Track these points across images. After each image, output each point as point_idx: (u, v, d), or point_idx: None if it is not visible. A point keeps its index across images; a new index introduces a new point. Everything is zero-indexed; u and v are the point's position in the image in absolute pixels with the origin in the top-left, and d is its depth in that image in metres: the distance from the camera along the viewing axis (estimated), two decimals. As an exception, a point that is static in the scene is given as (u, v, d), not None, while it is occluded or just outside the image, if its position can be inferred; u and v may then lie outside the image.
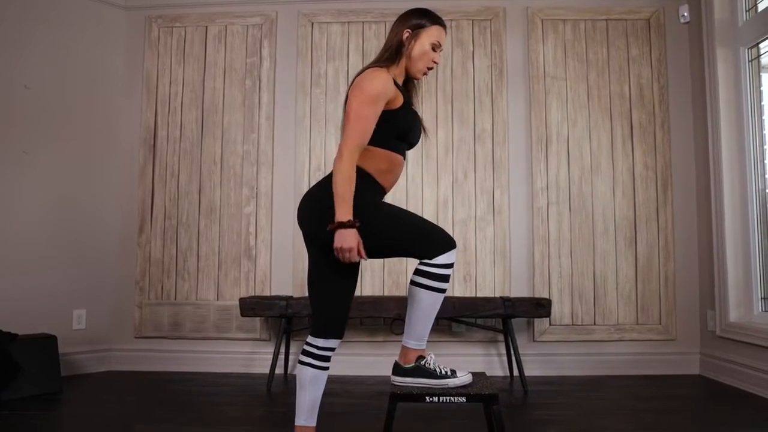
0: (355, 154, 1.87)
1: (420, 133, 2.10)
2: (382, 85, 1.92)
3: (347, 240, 1.80)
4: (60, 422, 2.76)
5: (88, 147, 3.80)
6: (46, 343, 3.27)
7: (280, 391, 3.32)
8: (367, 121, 1.90)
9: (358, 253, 1.83)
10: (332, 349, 1.98)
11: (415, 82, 2.13)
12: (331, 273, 1.94)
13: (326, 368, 1.99)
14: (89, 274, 3.76)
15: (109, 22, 3.94)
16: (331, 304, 1.97)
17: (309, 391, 1.96)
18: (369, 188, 1.94)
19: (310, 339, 1.98)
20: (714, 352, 3.58)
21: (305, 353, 1.97)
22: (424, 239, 1.92)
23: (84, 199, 3.77)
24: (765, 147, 3.41)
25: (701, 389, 3.35)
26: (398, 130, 1.99)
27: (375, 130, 1.92)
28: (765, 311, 3.38)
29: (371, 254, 1.92)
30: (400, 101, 1.98)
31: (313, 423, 1.98)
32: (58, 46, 3.71)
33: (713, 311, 3.57)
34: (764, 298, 3.40)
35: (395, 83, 1.98)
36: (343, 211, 1.82)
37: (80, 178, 3.76)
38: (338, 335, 1.98)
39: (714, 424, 2.67)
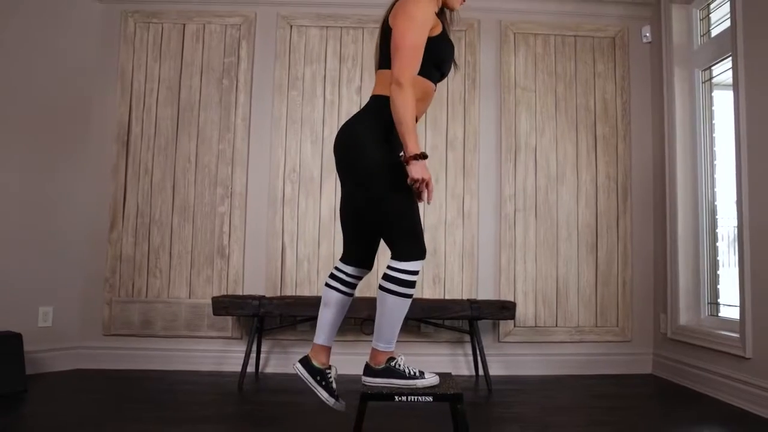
0: (413, 83, 1.98)
1: (451, 65, 2.22)
2: (430, 11, 2.03)
3: (424, 171, 1.92)
4: (25, 422, 2.75)
5: (58, 141, 3.85)
6: (10, 340, 3.26)
7: (252, 389, 3.46)
8: (421, 49, 2.02)
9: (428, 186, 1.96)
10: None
11: (450, 13, 2.23)
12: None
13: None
14: (56, 271, 3.81)
15: (83, 15, 4.00)
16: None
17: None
18: None
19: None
20: (665, 353, 3.94)
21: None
22: (412, 236, 2.07)
23: (53, 193, 3.82)
24: (715, 162, 3.77)
25: (652, 388, 3.68)
26: (436, 58, 2.10)
27: None
28: (711, 315, 3.75)
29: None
30: (439, 29, 2.10)
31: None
32: (29, 38, 3.75)
33: (665, 315, 3.92)
34: (710, 303, 3.77)
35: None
36: (414, 142, 1.92)
37: (50, 172, 3.81)
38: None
39: (661, 420, 2.97)
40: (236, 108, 4.05)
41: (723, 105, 3.73)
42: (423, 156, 1.94)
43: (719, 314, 3.69)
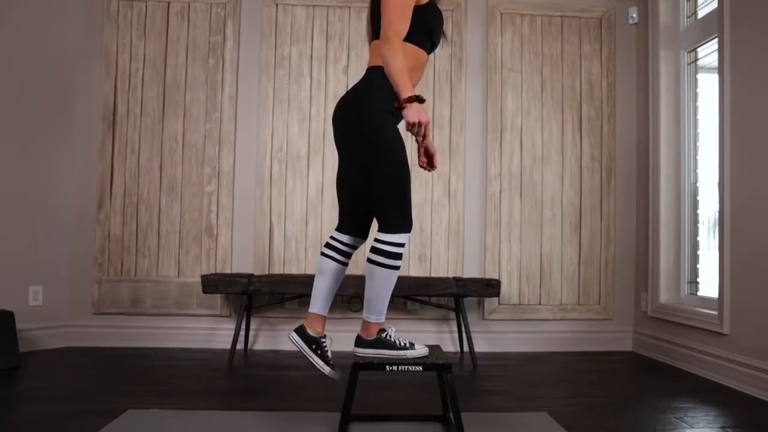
0: (401, 38, 2.01)
1: (441, 34, 2.28)
2: None
3: (421, 113, 1.89)
4: (23, 395, 2.80)
5: (44, 122, 3.83)
6: (2, 318, 3.29)
7: (241, 365, 3.52)
8: (409, 8, 2.05)
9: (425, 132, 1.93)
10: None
11: None
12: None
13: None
14: (46, 250, 3.82)
15: (67, -7, 3.96)
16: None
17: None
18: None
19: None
20: (645, 330, 4.03)
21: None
22: (401, 209, 2.10)
23: (40, 174, 3.81)
24: (698, 144, 3.83)
25: (632, 363, 3.77)
26: (426, 26, 2.15)
27: None
28: (690, 294, 3.83)
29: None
30: None
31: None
32: (10, 19, 3.69)
33: (646, 293, 4.00)
34: (690, 282, 3.85)
35: None
36: (407, 85, 1.90)
37: (36, 152, 3.79)
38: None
39: (641, 393, 3.06)
40: (223, 87, 4.04)
41: (707, 88, 3.77)
42: (419, 99, 1.91)
43: (698, 293, 3.77)
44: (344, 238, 2.27)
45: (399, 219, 2.11)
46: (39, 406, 2.56)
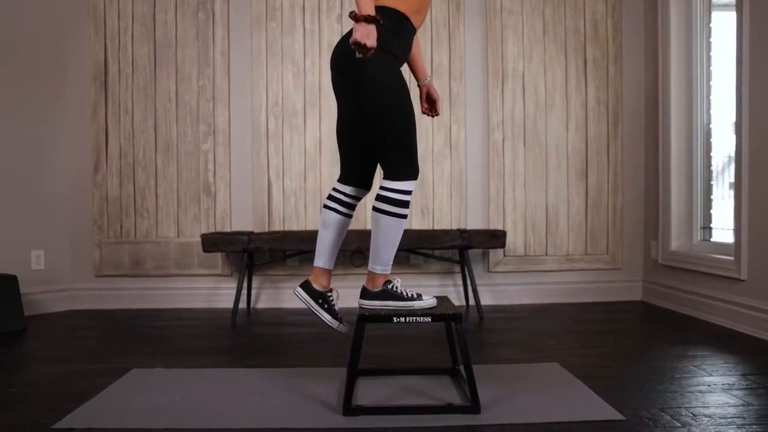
0: None
1: None
2: None
3: (369, 36, 1.67)
4: (31, 356, 2.65)
5: (35, 85, 3.51)
6: (6, 282, 3.13)
7: (245, 323, 3.26)
8: None
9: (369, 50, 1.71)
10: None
11: None
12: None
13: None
14: (45, 215, 3.56)
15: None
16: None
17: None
18: (404, 30, 1.90)
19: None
20: (656, 279, 3.66)
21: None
22: (406, 155, 1.91)
23: (34, 137, 3.52)
24: (711, 83, 3.39)
25: (643, 313, 3.43)
26: None
27: None
28: (704, 240, 3.45)
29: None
30: None
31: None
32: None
33: (656, 241, 3.62)
34: (703, 228, 3.46)
35: None
36: (367, 4, 1.71)
37: (29, 117, 3.49)
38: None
39: (654, 342, 2.74)
40: (214, 42, 3.66)
41: (721, 24, 3.31)
42: (374, 19, 1.68)
43: (711, 239, 3.39)
44: (347, 189, 2.04)
45: (405, 165, 1.90)
46: (45, 367, 2.42)
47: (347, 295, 2.43)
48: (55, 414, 1.85)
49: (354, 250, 3.34)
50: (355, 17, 1.68)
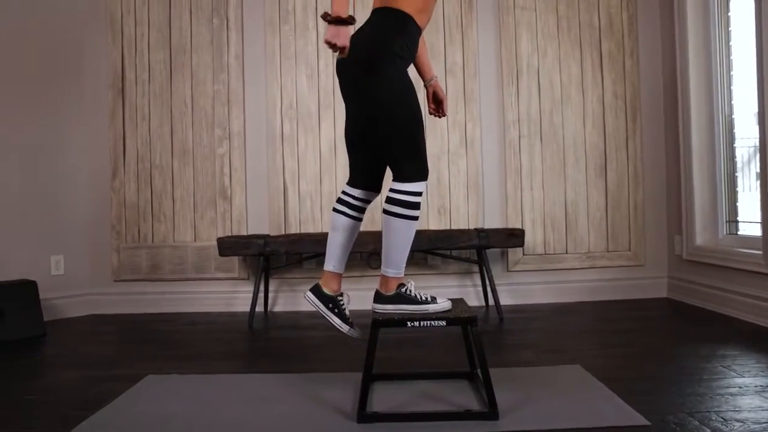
0: None
1: None
2: None
3: (340, 36, 1.62)
4: (48, 362, 2.62)
5: (53, 91, 3.49)
6: (27, 288, 3.10)
7: (262, 327, 3.19)
8: None
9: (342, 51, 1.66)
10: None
11: None
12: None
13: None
14: (64, 220, 3.54)
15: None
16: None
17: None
18: (408, 30, 1.85)
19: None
20: (680, 275, 3.50)
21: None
22: (415, 156, 1.85)
23: (52, 143, 3.50)
24: (732, 73, 3.23)
25: (668, 310, 3.28)
26: None
27: None
28: (730, 234, 3.29)
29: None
30: None
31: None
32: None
33: (680, 236, 3.47)
34: (729, 222, 3.30)
35: None
36: (339, 4, 1.64)
37: (46, 122, 3.47)
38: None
39: (680, 341, 2.60)
40: (228, 47, 3.61)
41: (740, 12, 3.15)
42: (345, 21, 1.62)
43: (738, 233, 3.23)
44: (356, 192, 1.99)
45: (414, 166, 1.85)
46: (63, 373, 2.40)
47: (364, 297, 2.35)
48: (68, 423, 1.80)
49: (370, 251, 3.26)
50: (324, 18, 1.64)
